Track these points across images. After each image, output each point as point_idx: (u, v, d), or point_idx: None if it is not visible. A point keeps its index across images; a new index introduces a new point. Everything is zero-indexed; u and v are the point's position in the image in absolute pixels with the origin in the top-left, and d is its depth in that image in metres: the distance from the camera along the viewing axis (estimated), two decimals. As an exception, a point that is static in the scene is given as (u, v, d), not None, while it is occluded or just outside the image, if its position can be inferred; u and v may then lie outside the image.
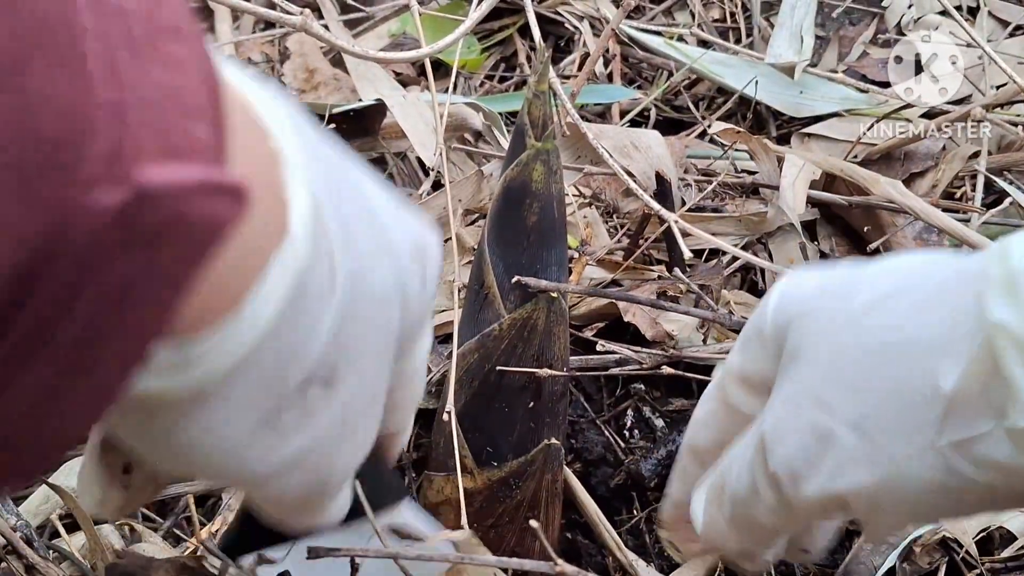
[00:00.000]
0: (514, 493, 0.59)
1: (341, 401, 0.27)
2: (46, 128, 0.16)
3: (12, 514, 0.62)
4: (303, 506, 0.31)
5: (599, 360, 0.77)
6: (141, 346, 0.19)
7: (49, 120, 0.16)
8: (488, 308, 0.56)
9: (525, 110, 0.55)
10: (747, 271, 0.95)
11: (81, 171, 0.16)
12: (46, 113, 0.16)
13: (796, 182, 0.89)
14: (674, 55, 1.23)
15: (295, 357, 0.25)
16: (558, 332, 0.57)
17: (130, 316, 0.18)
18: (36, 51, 0.16)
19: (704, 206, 0.97)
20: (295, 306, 0.23)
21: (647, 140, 0.93)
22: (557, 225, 0.55)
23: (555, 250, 0.56)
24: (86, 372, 0.19)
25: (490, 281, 0.55)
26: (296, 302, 0.23)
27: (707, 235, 0.82)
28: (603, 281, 0.89)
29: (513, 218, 0.54)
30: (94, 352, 0.18)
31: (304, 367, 0.25)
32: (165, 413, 0.23)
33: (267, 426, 0.25)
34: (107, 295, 0.17)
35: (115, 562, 0.55)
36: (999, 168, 1.02)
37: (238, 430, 0.25)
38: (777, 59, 1.16)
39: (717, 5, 1.37)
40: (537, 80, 0.55)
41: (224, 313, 0.22)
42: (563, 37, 1.35)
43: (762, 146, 0.96)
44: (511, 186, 0.53)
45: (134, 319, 0.18)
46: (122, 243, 0.17)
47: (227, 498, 0.69)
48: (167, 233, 0.17)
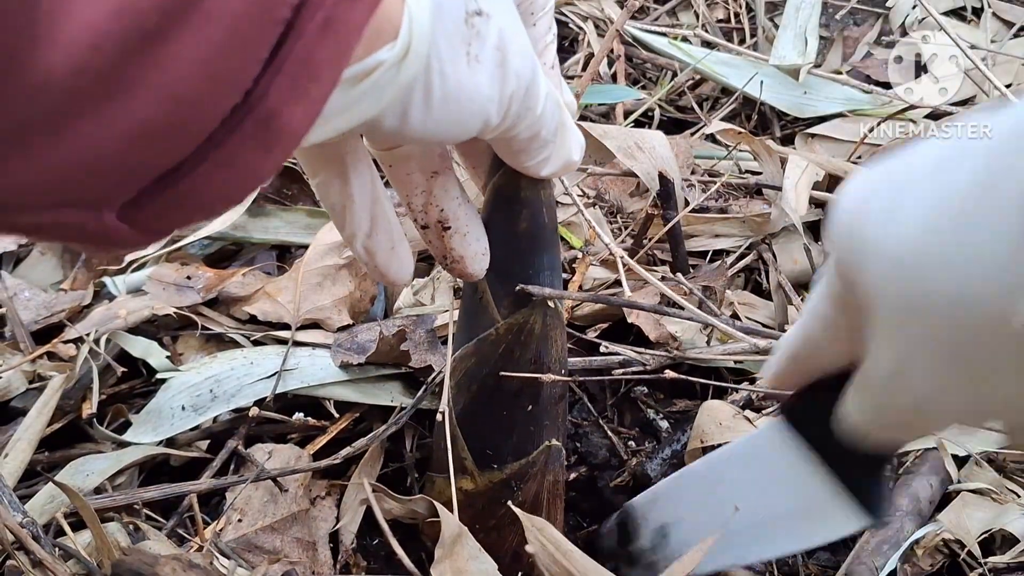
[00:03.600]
0: (515, 495, 0.59)
1: (493, 19, 0.38)
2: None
3: (18, 511, 0.63)
4: (536, 124, 0.43)
5: (602, 362, 0.77)
6: (348, 54, 0.31)
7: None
8: (483, 313, 0.55)
9: None
10: (751, 271, 0.95)
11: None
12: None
13: (799, 184, 0.89)
14: (678, 55, 1.23)
15: (452, 6, 0.36)
16: (555, 335, 0.57)
17: (342, 39, 0.30)
18: None
19: (708, 207, 0.97)
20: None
21: (651, 141, 0.93)
22: (547, 231, 0.54)
23: (547, 255, 0.55)
24: (323, 69, 0.30)
25: (483, 287, 0.55)
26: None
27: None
28: (607, 281, 0.89)
29: (502, 225, 0.53)
30: (324, 58, 0.30)
31: (459, 8, 0.36)
32: (422, 83, 0.36)
33: (472, 60, 0.37)
34: (333, 24, 0.29)
35: (122, 559, 0.55)
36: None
37: (459, 68, 0.37)
38: (781, 61, 1.16)
39: (721, 5, 1.37)
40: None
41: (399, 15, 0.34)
42: (567, 37, 1.35)
43: (765, 147, 0.96)
44: (498, 193, 0.52)
45: (344, 41, 0.30)
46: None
47: (231, 499, 0.69)
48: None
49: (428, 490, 0.63)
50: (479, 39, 0.37)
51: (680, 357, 0.76)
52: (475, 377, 0.57)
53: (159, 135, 0.27)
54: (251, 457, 0.72)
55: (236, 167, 0.30)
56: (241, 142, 0.29)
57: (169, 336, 0.84)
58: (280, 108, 0.29)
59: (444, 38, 0.36)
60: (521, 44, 0.41)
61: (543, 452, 0.59)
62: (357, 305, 0.85)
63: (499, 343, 0.55)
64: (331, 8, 0.29)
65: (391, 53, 0.34)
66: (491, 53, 0.38)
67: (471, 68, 0.37)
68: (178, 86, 0.27)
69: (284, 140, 0.30)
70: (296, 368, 0.78)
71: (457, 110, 0.38)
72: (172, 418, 0.75)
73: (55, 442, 0.76)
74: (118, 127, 0.26)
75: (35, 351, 0.81)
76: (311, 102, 0.31)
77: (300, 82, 0.29)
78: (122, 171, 0.28)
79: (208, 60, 0.27)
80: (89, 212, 0.29)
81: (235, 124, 0.29)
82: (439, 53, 0.36)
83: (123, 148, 0.27)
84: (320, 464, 0.71)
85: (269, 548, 0.68)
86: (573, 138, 0.47)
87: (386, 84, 0.34)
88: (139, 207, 0.30)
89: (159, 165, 0.29)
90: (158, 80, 0.26)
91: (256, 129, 0.29)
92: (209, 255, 0.98)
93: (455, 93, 0.37)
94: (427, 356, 0.75)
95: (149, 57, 0.26)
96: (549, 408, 0.59)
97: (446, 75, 0.36)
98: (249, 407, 0.74)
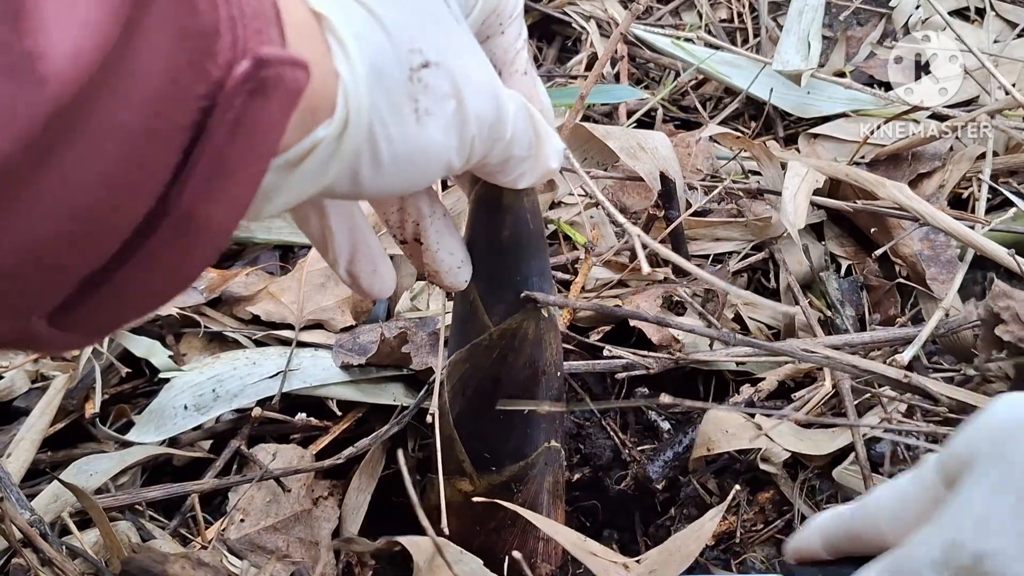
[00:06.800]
0: (515, 497, 0.59)
1: (444, 67, 0.37)
2: (200, 28, 0.27)
3: (26, 509, 0.63)
4: (507, 150, 0.42)
5: (605, 365, 0.77)
6: (269, 149, 0.30)
7: (198, 25, 0.27)
8: (474, 319, 0.55)
9: None
10: (754, 272, 0.95)
11: (221, 55, 0.28)
12: (197, 21, 0.27)
13: (798, 194, 0.89)
14: (681, 55, 1.23)
15: (392, 67, 0.35)
16: (548, 339, 0.57)
17: (258, 136, 0.29)
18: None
19: (710, 209, 0.97)
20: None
21: (654, 142, 0.93)
22: (533, 237, 0.54)
23: (534, 261, 0.54)
24: (240, 168, 0.30)
25: (472, 294, 0.55)
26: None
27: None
28: (610, 282, 0.89)
29: (487, 232, 0.52)
30: (239, 156, 0.29)
31: (402, 67, 0.35)
32: (367, 150, 0.35)
33: (422, 115, 0.36)
34: (245, 123, 0.28)
35: (132, 556, 0.55)
36: (1006, 170, 1.01)
37: (407, 127, 0.36)
38: (784, 65, 1.16)
39: (725, 5, 1.37)
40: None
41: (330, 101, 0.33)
42: (570, 37, 1.35)
43: (766, 152, 0.95)
44: (481, 202, 0.52)
45: (260, 138, 0.30)
46: (250, 92, 0.28)
47: (234, 499, 0.69)
48: (274, 85, 0.29)
49: (429, 491, 0.63)
50: (427, 92, 0.36)
51: (683, 360, 0.76)
52: (470, 381, 0.57)
53: (64, 246, 0.27)
54: (254, 457, 0.73)
55: (159, 268, 0.29)
56: (160, 244, 0.29)
57: (172, 336, 0.85)
58: (197, 209, 0.29)
59: (386, 101, 0.35)
60: (479, 82, 0.39)
61: (542, 454, 0.59)
62: (359, 306, 0.85)
63: (493, 348, 0.55)
64: (240, 109, 0.28)
65: (328, 130, 0.33)
66: (443, 103, 0.37)
67: (420, 123, 0.36)
68: (74, 200, 0.26)
69: (207, 238, 0.30)
70: (299, 368, 0.78)
71: (410, 166, 0.37)
72: (175, 418, 0.75)
73: (58, 442, 0.77)
74: (16, 244, 0.26)
75: (39, 351, 0.82)
76: (232, 200, 0.30)
77: (217, 181, 0.29)
78: (37, 282, 0.28)
79: (105, 174, 0.26)
80: (15, 320, 0.28)
81: (152, 228, 0.28)
82: (381, 118, 0.35)
83: (26, 260, 0.26)
84: (323, 464, 0.71)
85: (272, 548, 0.68)
86: (550, 146, 0.46)
87: (328, 159, 0.34)
88: (69, 310, 0.29)
89: (78, 272, 0.28)
90: (49, 201, 0.26)
91: (174, 231, 0.29)
92: (212, 255, 0.98)
93: (405, 152, 0.36)
94: (428, 359, 0.75)
95: (34, 181, 0.25)
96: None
97: (392, 137, 0.36)
98: (251, 407, 0.74)
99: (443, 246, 0.50)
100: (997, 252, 0.81)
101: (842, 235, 0.98)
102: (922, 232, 0.91)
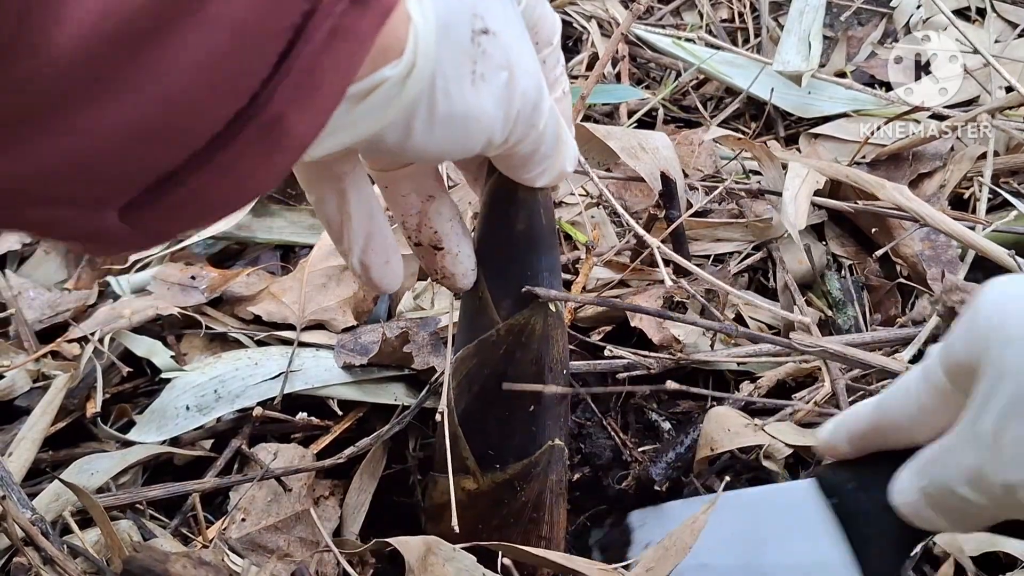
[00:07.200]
0: (518, 495, 0.59)
1: (500, 38, 0.38)
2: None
3: (27, 508, 0.63)
4: (537, 141, 0.43)
5: (606, 365, 0.77)
6: (356, 63, 0.31)
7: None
8: (482, 315, 0.55)
9: None
10: (755, 271, 0.95)
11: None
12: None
13: (799, 195, 0.89)
14: (682, 55, 1.23)
15: (458, 24, 0.36)
16: (556, 336, 0.57)
17: (350, 47, 0.30)
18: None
19: (711, 209, 0.97)
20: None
21: (655, 142, 0.93)
22: (546, 232, 0.54)
23: (545, 257, 0.54)
24: (328, 78, 0.31)
25: (482, 289, 0.55)
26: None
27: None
28: (611, 282, 0.89)
29: (500, 227, 0.53)
30: (330, 65, 0.30)
31: (465, 27, 0.36)
32: (425, 101, 0.36)
33: (478, 80, 0.37)
34: (340, 33, 0.30)
35: (133, 556, 0.55)
36: (1007, 170, 1.01)
37: (464, 88, 0.37)
38: (785, 66, 1.16)
39: (725, 5, 1.37)
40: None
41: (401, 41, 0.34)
42: (571, 37, 1.35)
43: (766, 153, 0.95)
44: (495, 196, 0.52)
45: (351, 49, 0.31)
46: (351, 0, 0.30)
47: (235, 498, 0.69)
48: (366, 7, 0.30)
49: (431, 490, 0.63)
50: (484, 58, 0.37)
51: (684, 360, 0.76)
52: (476, 378, 0.57)
53: (154, 137, 0.28)
54: (255, 456, 0.73)
55: (238, 173, 0.30)
56: (244, 148, 0.29)
57: (173, 336, 0.85)
58: (285, 114, 0.29)
59: (449, 56, 0.36)
60: (528, 63, 0.40)
61: (546, 452, 0.59)
62: (360, 306, 0.85)
63: (500, 344, 0.55)
64: (339, 17, 0.29)
65: (395, 71, 0.34)
66: (497, 73, 0.38)
67: (476, 87, 0.37)
68: (172, 90, 0.27)
69: (287, 148, 0.30)
70: (300, 369, 0.78)
71: (461, 129, 0.38)
72: (176, 418, 0.75)
73: (59, 441, 0.77)
74: (108, 127, 0.27)
75: (39, 350, 0.82)
76: (316, 111, 0.31)
77: (306, 89, 0.29)
78: (118, 171, 0.28)
79: (208, 65, 0.27)
80: (88, 211, 0.29)
81: (239, 129, 0.29)
82: (444, 71, 0.36)
83: (115, 148, 0.27)
84: (324, 464, 0.71)
85: (273, 547, 0.68)
86: (569, 150, 0.48)
87: (390, 101, 0.34)
88: (140, 209, 0.30)
89: (158, 167, 0.29)
90: (150, 83, 0.27)
91: (259, 135, 0.29)
92: (213, 255, 0.98)
93: (459, 112, 0.37)
94: (430, 358, 0.75)
95: (140, 60, 0.26)
96: (551, 408, 0.59)
97: (450, 94, 0.36)
98: (253, 407, 0.75)
99: (461, 250, 0.51)
100: (996, 253, 0.81)
101: (843, 235, 0.98)
102: (923, 232, 0.91)
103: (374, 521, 0.72)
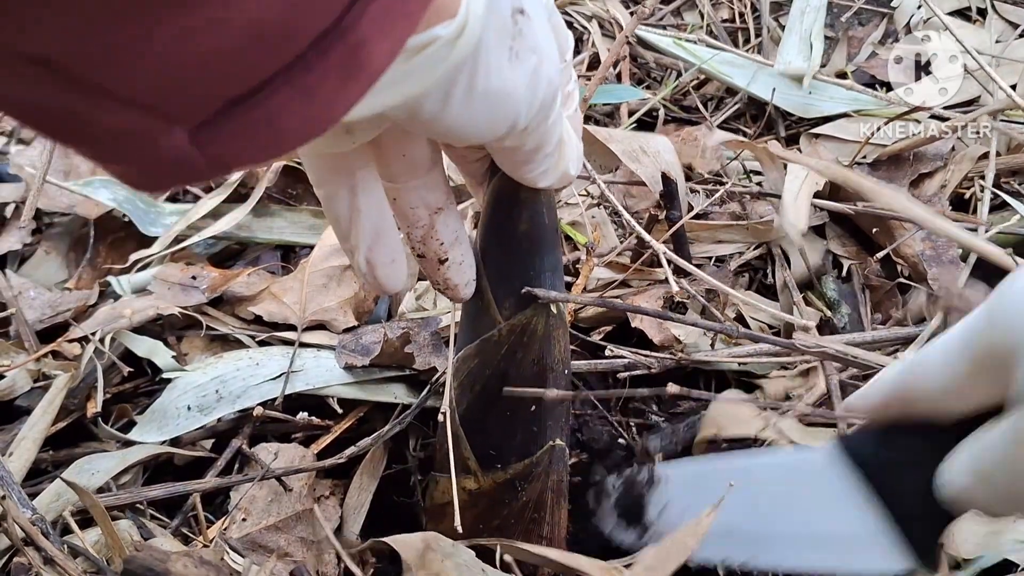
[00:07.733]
0: (519, 495, 0.59)
1: (533, 22, 0.39)
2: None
3: (27, 508, 0.63)
4: (545, 135, 0.44)
5: (607, 365, 0.77)
6: (411, 23, 0.32)
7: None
8: (484, 315, 0.55)
9: None
10: (755, 271, 0.95)
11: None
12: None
13: (799, 196, 0.89)
14: (683, 55, 1.23)
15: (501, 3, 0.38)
16: (557, 336, 0.57)
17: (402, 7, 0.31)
18: None
19: (712, 211, 0.97)
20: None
21: (656, 145, 0.93)
22: (548, 232, 0.54)
23: (548, 257, 0.55)
24: (410, 8, 0.31)
25: (484, 289, 0.55)
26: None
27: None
28: (612, 282, 0.89)
29: (503, 226, 0.53)
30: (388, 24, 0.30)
31: (507, 2, 0.38)
32: (468, 69, 0.37)
33: (513, 58, 0.38)
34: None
35: (134, 555, 0.55)
36: (1008, 170, 1.01)
37: (503, 63, 0.38)
38: (786, 66, 1.16)
39: (726, 5, 1.37)
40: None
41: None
42: (572, 37, 1.35)
43: (767, 155, 0.95)
44: (498, 195, 0.52)
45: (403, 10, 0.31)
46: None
47: (236, 498, 0.69)
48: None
49: (432, 490, 0.63)
50: (520, 38, 0.39)
51: (684, 360, 0.76)
52: (478, 378, 0.57)
53: (267, 38, 0.27)
54: (255, 456, 0.73)
55: (319, 98, 0.30)
56: (328, 71, 0.29)
57: (174, 336, 0.85)
58: (369, 38, 0.30)
59: (493, 28, 0.37)
60: (552, 53, 0.42)
61: (547, 452, 0.59)
62: (361, 306, 0.85)
63: (502, 344, 0.55)
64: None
65: (447, 30, 0.35)
66: (529, 55, 0.39)
67: (512, 64, 0.39)
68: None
69: (365, 75, 0.31)
70: (301, 369, 0.78)
71: (496, 105, 0.39)
72: (177, 418, 0.75)
73: (60, 441, 0.77)
74: (241, 20, 0.26)
75: (40, 350, 0.82)
76: (395, 40, 0.31)
77: (391, 15, 0.30)
78: (220, 74, 0.28)
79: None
80: (163, 123, 0.28)
81: (325, 49, 0.29)
82: (487, 42, 0.37)
83: (235, 46, 0.27)
84: (324, 464, 0.71)
85: (273, 547, 0.68)
86: (573, 152, 0.48)
87: (438, 61, 0.35)
88: (211, 130, 0.29)
89: (252, 77, 0.29)
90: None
91: (342, 58, 0.29)
92: (213, 254, 0.98)
93: (495, 88, 0.38)
94: (431, 359, 0.75)
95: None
96: (552, 408, 0.59)
97: (490, 67, 0.37)
98: (254, 407, 0.75)
99: (464, 260, 0.52)
100: (995, 253, 0.81)
101: (844, 235, 0.98)
102: (924, 232, 0.91)
103: (374, 521, 0.72)
